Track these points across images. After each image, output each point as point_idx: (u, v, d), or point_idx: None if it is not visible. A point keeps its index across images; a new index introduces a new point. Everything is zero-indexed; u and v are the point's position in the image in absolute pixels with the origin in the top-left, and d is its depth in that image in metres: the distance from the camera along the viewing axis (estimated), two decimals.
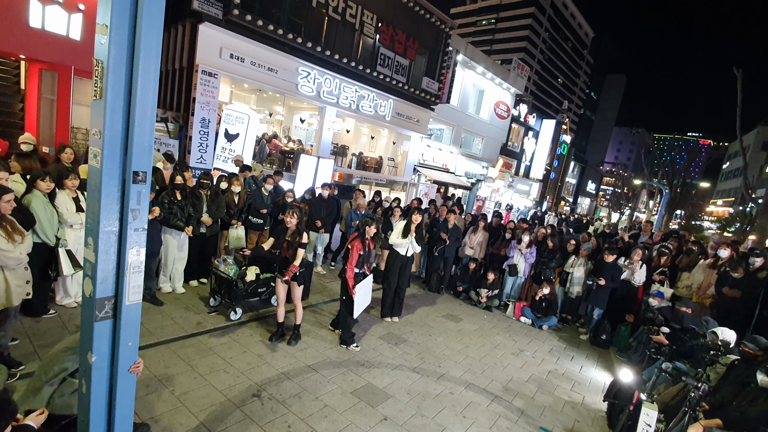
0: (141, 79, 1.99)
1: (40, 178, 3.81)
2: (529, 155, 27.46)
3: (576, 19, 72.61)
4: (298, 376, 3.95)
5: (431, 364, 4.73)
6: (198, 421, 3.08)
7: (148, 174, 2.14)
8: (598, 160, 74.70)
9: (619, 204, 49.07)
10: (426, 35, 14.58)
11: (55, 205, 3.96)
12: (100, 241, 2.07)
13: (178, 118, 9.62)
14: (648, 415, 3.19)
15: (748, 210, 20.18)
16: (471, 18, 69.69)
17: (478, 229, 7.81)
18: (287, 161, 12.18)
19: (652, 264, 6.73)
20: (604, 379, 5.16)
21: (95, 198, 2.06)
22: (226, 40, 9.42)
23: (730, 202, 39.84)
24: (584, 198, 47.12)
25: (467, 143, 21.49)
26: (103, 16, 1.94)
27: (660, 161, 33.05)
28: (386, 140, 17.27)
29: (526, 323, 6.82)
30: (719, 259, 6.06)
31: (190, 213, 5.22)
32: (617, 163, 74.70)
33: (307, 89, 11.40)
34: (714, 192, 47.95)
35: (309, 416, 3.36)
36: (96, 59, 2.00)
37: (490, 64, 20.08)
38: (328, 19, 11.40)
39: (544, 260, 7.16)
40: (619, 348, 6.16)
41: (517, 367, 5.11)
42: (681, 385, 3.79)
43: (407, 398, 3.91)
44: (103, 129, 1.98)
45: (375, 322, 5.63)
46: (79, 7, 7.18)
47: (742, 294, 5.20)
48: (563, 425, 3.96)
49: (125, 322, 2.18)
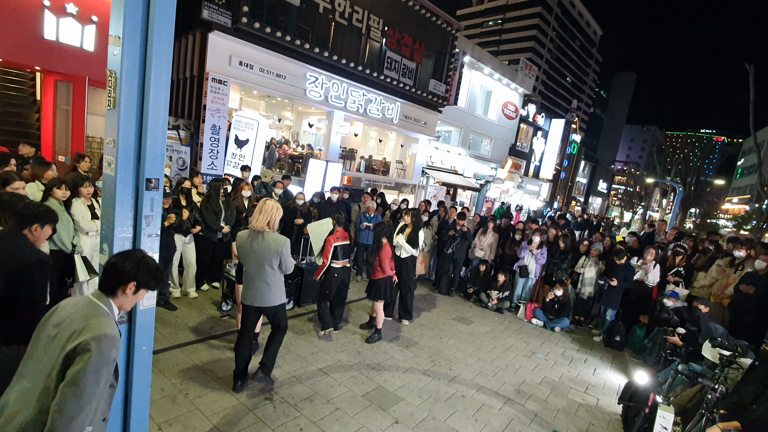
0: (153, 89, 2.04)
1: (56, 186, 3.90)
2: (538, 155, 27.21)
3: (584, 18, 72.00)
4: (310, 379, 3.97)
5: (442, 367, 4.71)
6: (212, 424, 3.11)
7: (161, 181, 2.18)
8: (610, 158, 73.79)
9: (632, 203, 48.33)
10: (432, 38, 14.60)
11: (70, 213, 4.05)
12: (115, 247, 2.12)
13: (189, 126, 9.77)
14: (664, 417, 3.13)
15: (764, 207, 19.70)
16: (477, 19, 69.57)
17: (488, 231, 7.77)
18: (296, 166, 12.27)
19: (667, 264, 6.62)
20: (618, 382, 5.07)
21: (110, 205, 2.11)
22: (235, 48, 9.56)
23: (745, 200, 38.95)
24: (596, 197, 46.49)
25: (475, 144, 21.40)
26: (116, 28, 1.99)
27: (673, 159, 32.43)
28: (394, 143, 17.28)
29: (537, 325, 6.75)
30: (735, 259, 5.93)
31: (196, 218, 5.31)
32: (629, 162, 73.72)
33: (315, 94, 11.49)
34: (729, 189, 46.94)
35: (321, 419, 3.37)
36: (109, 70, 2.05)
37: (498, 64, 20.00)
38: (335, 24, 11.49)
39: (555, 261, 7.09)
40: (633, 350, 6.06)
41: (529, 369, 5.06)
42: (698, 387, 3.71)
43: (418, 401, 3.90)
44: (117, 138, 2.03)
45: (385, 326, 5.63)
46: (93, 19, 7.35)
47: (758, 292, 5.08)
48: (577, 428, 3.91)
49: (140, 326, 2.23)
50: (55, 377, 1.41)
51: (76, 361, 1.39)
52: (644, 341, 5.87)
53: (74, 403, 1.35)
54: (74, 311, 1.52)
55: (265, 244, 3.35)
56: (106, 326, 1.48)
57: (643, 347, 5.81)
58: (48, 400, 1.39)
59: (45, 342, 1.49)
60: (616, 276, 6.16)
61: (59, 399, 1.35)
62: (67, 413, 1.34)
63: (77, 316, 1.49)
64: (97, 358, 1.40)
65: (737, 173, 45.71)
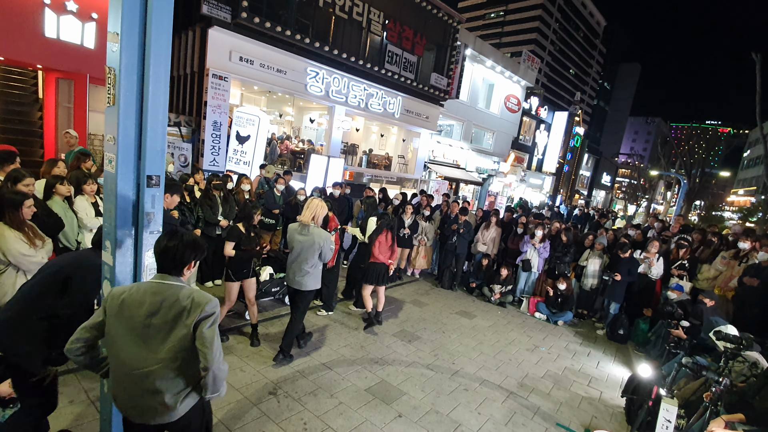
0: (152, 85, 2.03)
1: (59, 183, 3.91)
2: (541, 148, 27.07)
3: (587, 8, 71.18)
4: (313, 373, 3.99)
5: (445, 361, 4.72)
6: (216, 418, 3.14)
7: (162, 178, 2.18)
8: (613, 151, 73.23)
9: (636, 196, 48.05)
10: (433, 31, 14.48)
11: (74, 210, 4.06)
12: (118, 244, 2.13)
13: (190, 122, 9.77)
14: (668, 410, 3.13)
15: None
16: (479, 11, 68.95)
17: (490, 225, 7.75)
18: (298, 161, 12.27)
19: (671, 257, 6.58)
20: (621, 375, 5.07)
21: (111, 202, 2.11)
22: (235, 44, 9.52)
23: (751, 191, 38.63)
24: (599, 191, 46.24)
25: (478, 138, 21.30)
26: (114, 25, 1.98)
27: (677, 151, 32.15)
28: (396, 138, 17.23)
29: (541, 319, 6.75)
30: (740, 251, 5.89)
31: (198, 215, 5.31)
32: (633, 154, 73.19)
33: (316, 89, 11.45)
34: (735, 181, 46.57)
35: (324, 413, 3.40)
36: (108, 67, 2.04)
37: (500, 57, 19.84)
38: (335, 18, 11.42)
39: (558, 255, 7.07)
40: (637, 343, 6.06)
41: (532, 363, 5.07)
42: (702, 380, 3.70)
43: (422, 395, 3.91)
44: (117, 135, 2.03)
45: (388, 320, 5.65)
46: (93, 16, 7.33)
47: (762, 284, 5.05)
48: (580, 421, 3.92)
49: None
50: (180, 347, 1.72)
51: (205, 326, 1.72)
52: (648, 334, 5.86)
53: (218, 352, 1.74)
54: (162, 298, 1.75)
55: (309, 236, 3.91)
56: (203, 295, 1.79)
57: (646, 340, 5.80)
58: (178, 364, 1.73)
59: (141, 330, 1.73)
60: (620, 270, 6.13)
61: (207, 357, 1.70)
62: (217, 361, 1.72)
63: (173, 299, 1.75)
64: (216, 317, 1.77)
65: (743, 165, 45.31)
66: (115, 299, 1.76)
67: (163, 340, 1.72)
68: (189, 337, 1.71)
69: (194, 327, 1.71)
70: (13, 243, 2.88)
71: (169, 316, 1.72)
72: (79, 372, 3.42)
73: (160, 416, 1.77)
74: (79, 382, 3.30)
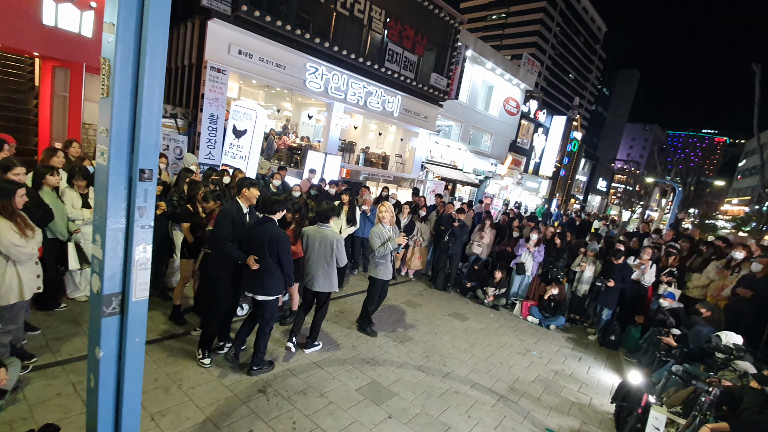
0: (147, 78, 1.99)
1: (48, 173, 3.86)
2: (538, 152, 27.13)
3: (588, 13, 71.41)
4: (304, 372, 3.97)
5: (437, 363, 4.72)
6: (204, 415, 3.11)
7: (155, 171, 2.15)
8: (610, 157, 73.66)
9: (631, 202, 48.30)
10: (435, 30, 14.44)
11: (62, 201, 4.01)
12: (108, 237, 2.09)
13: (187, 114, 9.68)
14: (657, 418, 3.14)
15: (765, 209, 19.71)
16: (481, 12, 68.94)
17: (485, 227, 7.75)
18: (295, 157, 12.21)
19: (660, 264, 6.62)
20: (612, 381, 5.09)
21: (103, 195, 2.07)
22: (234, 37, 9.44)
23: (746, 201, 39.00)
24: (595, 196, 46.46)
25: (476, 140, 21.31)
26: (111, 15, 1.94)
27: (674, 158, 32.35)
28: (394, 137, 17.19)
29: (533, 323, 6.77)
30: (733, 260, 5.93)
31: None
32: (629, 161, 73.50)
33: (315, 85, 11.39)
34: (729, 190, 46.96)
35: (314, 413, 3.38)
36: (103, 57, 2.00)
37: (500, 59, 19.84)
38: (336, 14, 11.35)
39: (551, 259, 7.09)
40: (628, 349, 6.08)
41: (523, 367, 5.08)
42: (692, 388, 3.72)
43: (412, 396, 3.90)
44: (110, 127, 1.99)
45: (380, 320, 5.63)
46: (91, 5, 7.24)
47: (756, 296, 5.08)
48: (569, 427, 3.93)
49: (132, 318, 2.20)
50: (329, 252, 4.10)
51: (336, 245, 4.11)
52: (639, 341, 5.89)
53: (342, 250, 4.24)
54: (322, 234, 4.11)
55: (325, 239, 4.18)
56: (333, 232, 4.18)
57: (637, 347, 5.83)
58: (329, 258, 4.12)
59: (318, 248, 4.10)
60: (614, 276, 6.16)
61: (337, 254, 4.16)
62: (342, 254, 4.22)
63: (325, 235, 4.10)
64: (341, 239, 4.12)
65: (738, 174, 45.73)
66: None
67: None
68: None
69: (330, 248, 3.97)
70: (5, 233, 2.84)
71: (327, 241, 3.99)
72: (66, 365, 3.39)
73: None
74: (66, 375, 3.26)
